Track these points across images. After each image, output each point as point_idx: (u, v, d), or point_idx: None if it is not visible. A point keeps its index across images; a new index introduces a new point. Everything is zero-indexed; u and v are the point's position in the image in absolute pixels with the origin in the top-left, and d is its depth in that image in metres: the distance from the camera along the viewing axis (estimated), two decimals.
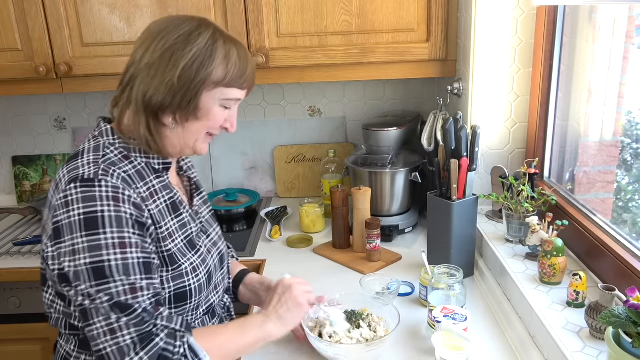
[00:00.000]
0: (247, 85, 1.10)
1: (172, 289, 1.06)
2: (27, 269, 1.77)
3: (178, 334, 0.98)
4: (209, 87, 1.03)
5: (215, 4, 1.80)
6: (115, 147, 1.06)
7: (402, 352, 1.26)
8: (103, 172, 0.97)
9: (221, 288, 1.25)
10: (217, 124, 1.10)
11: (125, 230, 0.95)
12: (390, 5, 1.78)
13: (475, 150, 1.49)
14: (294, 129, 2.32)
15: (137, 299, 0.94)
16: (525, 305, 1.26)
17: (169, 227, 1.08)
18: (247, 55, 1.09)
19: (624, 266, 1.18)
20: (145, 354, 0.92)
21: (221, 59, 1.03)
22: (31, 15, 1.79)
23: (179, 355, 0.96)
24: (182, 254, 1.09)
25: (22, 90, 1.91)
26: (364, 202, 1.75)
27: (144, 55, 1.02)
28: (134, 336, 0.93)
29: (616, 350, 0.91)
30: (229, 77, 1.05)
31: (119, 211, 0.95)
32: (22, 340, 1.88)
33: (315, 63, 1.84)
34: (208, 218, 1.28)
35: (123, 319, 0.92)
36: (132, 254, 0.95)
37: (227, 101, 1.08)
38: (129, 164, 1.04)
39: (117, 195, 0.96)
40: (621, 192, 1.44)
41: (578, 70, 1.55)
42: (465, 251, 1.55)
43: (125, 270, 0.94)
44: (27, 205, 2.24)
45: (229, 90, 1.06)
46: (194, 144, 1.10)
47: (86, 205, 0.94)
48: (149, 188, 1.06)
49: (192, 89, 1.02)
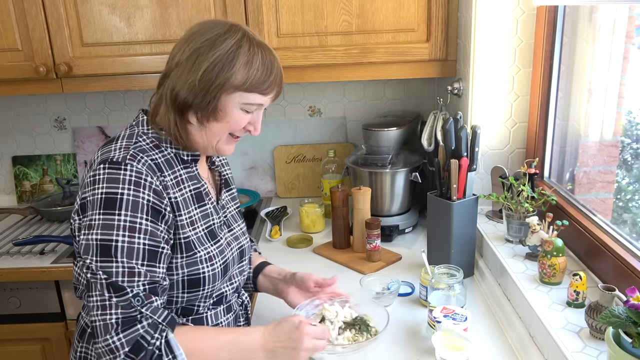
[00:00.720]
0: (270, 91, 1.12)
1: (185, 274, 1.10)
2: (27, 269, 1.77)
3: (159, 327, 1.01)
4: (228, 90, 1.07)
5: (215, 4, 1.80)
6: (147, 136, 1.12)
7: (402, 352, 1.26)
8: (131, 157, 1.04)
9: (237, 281, 1.27)
10: (238, 126, 1.12)
11: (138, 216, 1.01)
12: (390, 5, 1.78)
13: (475, 150, 1.49)
14: (294, 129, 2.32)
15: (132, 283, 0.99)
16: (525, 305, 1.26)
17: (192, 216, 1.13)
18: (272, 62, 1.11)
19: (624, 266, 1.18)
20: (124, 336, 0.97)
21: (242, 64, 1.06)
22: (31, 15, 1.79)
23: (154, 347, 0.99)
24: (200, 242, 1.13)
25: (22, 90, 1.91)
26: (364, 202, 1.75)
27: (176, 55, 1.09)
28: (120, 317, 0.98)
29: (616, 350, 0.91)
30: (250, 82, 1.07)
31: (137, 196, 1.01)
32: (22, 340, 1.88)
33: (315, 63, 1.84)
34: (234, 214, 1.31)
35: (114, 298, 0.98)
36: (140, 239, 1.00)
37: (248, 105, 1.10)
38: (159, 152, 1.11)
39: (140, 180, 1.02)
40: (621, 192, 1.44)
41: (578, 70, 1.55)
42: (465, 251, 1.55)
43: (129, 254, 0.99)
44: (27, 205, 2.25)
45: (249, 95, 1.09)
46: (216, 144, 1.14)
47: (109, 186, 1.01)
48: (176, 177, 1.12)
49: (211, 91, 1.06)
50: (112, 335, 0.97)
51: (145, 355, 0.97)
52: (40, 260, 1.82)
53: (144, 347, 0.98)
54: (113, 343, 0.97)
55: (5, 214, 2.22)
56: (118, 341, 0.97)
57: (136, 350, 0.97)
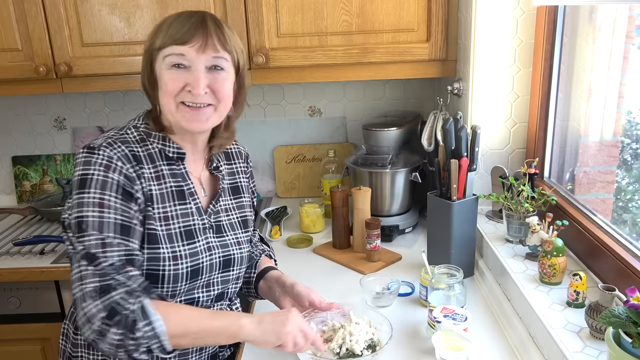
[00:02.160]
0: (188, 38, 1.10)
1: (145, 268, 1.12)
2: (27, 269, 1.77)
3: (135, 293, 1.04)
4: (153, 55, 1.13)
5: (215, 3, 1.80)
6: (137, 129, 1.18)
7: (402, 352, 1.26)
8: (106, 145, 1.10)
9: (217, 289, 1.23)
10: (172, 87, 1.11)
11: (106, 193, 1.07)
12: (390, 5, 1.78)
13: (475, 150, 1.49)
14: (294, 129, 2.32)
15: (105, 253, 1.04)
16: (525, 305, 1.26)
17: (167, 211, 1.15)
18: (193, 14, 1.13)
19: (624, 266, 1.18)
20: (101, 302, 1.01)
21: (160, 27, 1.13)
22: (31, 15, 1.79)
23: (129, 311, 1.01)
24: (169, 239, 1.14)
25: (22, 90, 1.91)
26: (364, 202, 1.75)
27: None
28: (97, 285, 1.02)
29: (616, 350, 0.91)
30: (166, 38, 1.11)
31: (106, 177, 1.07)
32: (22, 340, 1.88)
33: (315, 63, 1.84)
34: (234, 222, 1.28)
35: (90, 267, 1.03)
36: (110, 214, 1.06)
37: (170, 58, 1.10)
38: (142, 146, 1.16)
39: (110, 164, 1.08)
40: (621, 192, 1.44)
41: (578, 70, 1.55)
42: (465, 251, 1.55)
43: (100, 227, 1.05)
44: (27, 205, 2.25)
45: (166, 49, 1.11)
46: (173, 117, 1.14)
47: (84, 168, 1.08)
48: (157, 171, 1.16)
49: (146, 64, 1.15)
50: (88, 303, 1.01)
51: (120, 319, 1.00)
52: (40, 260, 1.82)
53: (119, 312, 1.00)
54: (89, 311, 1.00)
55: (5, 214, 2.22)
56: (95, 307, 1.00)
57: (111, 315, 1.00)
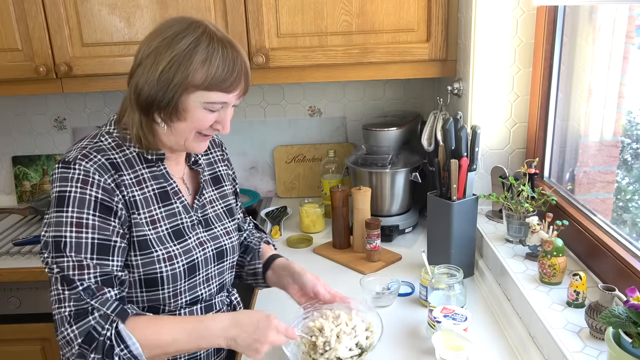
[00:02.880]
0: (234, 89, 1.08)
1: (142, 273, 1.11)
2: (27, 269, 1.77)
3: (110, 318, 1.02)
4: (188, 89, 1.05)
5: (215, 4, 1.80)
6: (111, 135, 1.13)
7: (402, 352, 1.26)
8: (81, 157, 1.05)
9: (216, 282, 1.24)
10: (203, 125, 1.10)
11: (84, 212, 1.03)
12: (390, 5, 1.78)
13: (475, 150, 1.49)
14: (294, 129, 2.32)
15: (82, 276, 1.02)
16: (525, 305, 1.26)
17: (153, 215, 1.13)
18: (235, 58, 1.07)
19: (624, 266, 1.18)
20: (77, 327, 1.00)
21: (200, 62, 1.03)
22: (31, 15, 1.79)
23: (105, 337, 1.00)
24: (160, 241, 1.12)
25: (22, 90, 1.91)
26: (364, 202, 1.75)
27: (139, 53, 1.09)
28: (73, 310, 1.01)
29: (616, 350, 0.91)
30: (209, 81, 1.04)
31: (84, 193, 1.03)
32: (22, 340, 1.88)
33: (315, 63, 1.83)
34: (220, 213, 1.27)
35: (66, 291, 1.01)
36: (88, 234, 1.03)
37: (211, 104, 1.08)
38: (119, 152, 1.11)
39: (87, 178, 1.04)
40: (621, 192, 1.44)
41: (578, 70, 1.55)
42: (465, 251, 1.55)
43: (77, 248, 1.02)
44: (27, 205, 2.24)
45: (210, 94, 1.06)
46: (184, 142, 1.12)
47: (60, 184, 1.04)
48: (137, 176, 1.12)
49: (170, 90, 1.04)
50: (66, 328, 1.00)
51: (97, 346, 0.99)
52: (40, 260, 1.81)
53: (96, 338, 1.00)
54: (67, 335, 1.00)
55: (5, 214, 2.21)
56: (72, 333, 1.00)
57: (88, 341, 1.00)
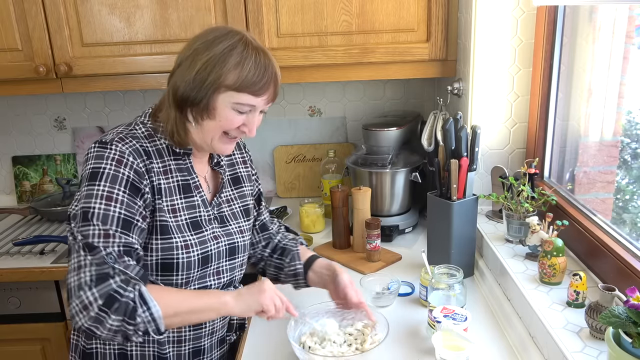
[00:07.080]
0: (262, 93, 1.15)
1: (160, 257, 1.16)
2: (27, 269, 1.77)
3: (132, 281, 1.07)
4: (219, 89, 1.12)
5: (215, 4, 1.80)
6: (145, 125, 1.20)
7: (402, 352, 1.26)
8: (118, 140, 1.13)
9: (226, 277, 1.30)
10: (230, 126, 1.17)
11: (116, 187, 1.09)
12: (390, 5, 1.78)
13: (475, 150, 1.49)
14: (294, 129, 2.32)
15: (106, 243, 1.06)
16: (525, 305, 1.26)
17: (175, 204, 1.19)
18: (267, 65, 1.14)
19: (624, 266, 1.18)
20: (97, 290, 1.03)
21: (234, 65, 1.11)
22: (31, 15, 1.79)
23: (128, 299, 1.04)
24: (179, 229, 1.18)
25: (22, 90, 1.91)
26: (364, 202, 1.75)
27: (180, 55, 1.17)
28: (93, 274, 1.05)
29: (616, 350, 0.91)
30: (240, 83, 1.12)
31: (117, 171, 1.10)
32: (22, 340, 1.88)
33: (315, 63, 1.84)
34: (237, 212, 1.34)
35: (88, 257, 1.05)
36: (115, 208, 1.08)
37: (240, 105, 1.14)
38: (151, 142, 1.18)
39: (122, 159, 1.11)
40: (621, 192, 1.44)
41: (578, 70, 1.55)
42: (465, 251, 1.55)
43: (104, 219, 1.07)
44: (27, 205, 2.25)
45: (240, 95, 1.13)
46: (211, 142, 1.19)
47: (95, 162, 1.11)
48: (165, 166, 1.19)
49: (203, 88, 1.12)
50: (85, 291, 1.03)
51: (119, 307, 1.03)
52: (40, 260, 1.82)
53: (117, 300, 1.03)
54: (87, 298, 1.03)
55: (5, 214, 2.22)
56: (92, 296, 1.03)
57: (109, 303, 1.03)
